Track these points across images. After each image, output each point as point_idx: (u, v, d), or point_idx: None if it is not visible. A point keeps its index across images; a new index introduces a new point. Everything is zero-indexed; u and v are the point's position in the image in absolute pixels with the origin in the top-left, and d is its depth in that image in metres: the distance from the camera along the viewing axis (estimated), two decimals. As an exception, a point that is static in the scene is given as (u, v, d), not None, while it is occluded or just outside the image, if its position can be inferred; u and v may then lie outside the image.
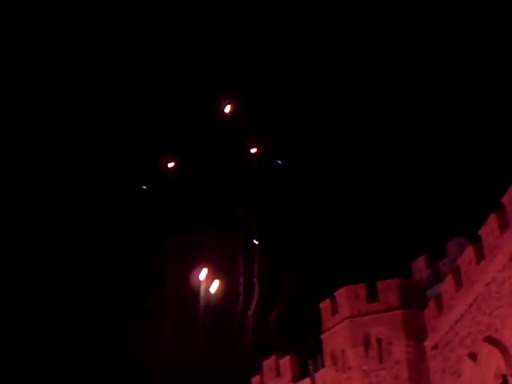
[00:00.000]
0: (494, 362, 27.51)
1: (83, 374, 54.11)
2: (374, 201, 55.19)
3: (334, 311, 36.88)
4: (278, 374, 40.84)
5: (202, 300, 48.80)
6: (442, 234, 41.45)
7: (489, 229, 27.92)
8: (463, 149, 52.21)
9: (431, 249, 40.60)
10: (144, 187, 54.29)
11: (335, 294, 37.03)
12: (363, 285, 36.27)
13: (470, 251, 29.61)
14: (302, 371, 40.16)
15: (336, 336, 36.43)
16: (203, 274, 49.17)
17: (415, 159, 56.36)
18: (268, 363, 41.76)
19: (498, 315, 27.50)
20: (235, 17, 58.53)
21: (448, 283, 31.50)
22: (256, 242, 50.19)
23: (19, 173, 58.31)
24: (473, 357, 29.11)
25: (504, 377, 27.13)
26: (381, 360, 34.99)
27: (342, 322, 36.16)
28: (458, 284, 30.50)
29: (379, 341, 35.27)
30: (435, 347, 32.99)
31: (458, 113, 53.83)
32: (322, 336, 37.57)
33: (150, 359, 47.32)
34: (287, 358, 40.61)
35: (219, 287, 49.19)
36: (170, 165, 52.71)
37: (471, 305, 29.45)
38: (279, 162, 52.36)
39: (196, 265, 49.60)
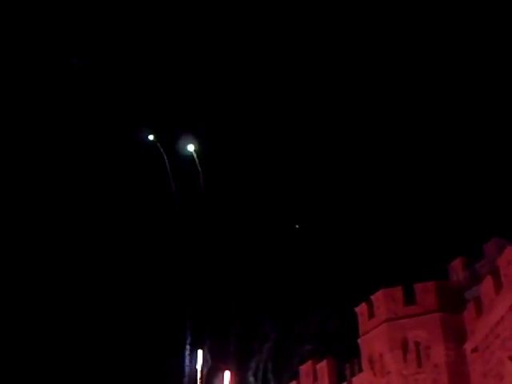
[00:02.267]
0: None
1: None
2: (410, 203, 54.86)
3: (371, 315, 36.53)
4: (316, 379, 40.58)
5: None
6: (478, 235, 40.96)
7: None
8: (500, 150, 51.53)
9: (467, 250, 40.10)
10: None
11: (372, 297, 36.71)
12: (400, 288, 35.87)
13: (509, 252, 29.14)
14: (339, 376, 39.87)
15: (373, 340, 36.05)
16: None
17: (451, 161, 55.83)
18: (305, 368, 41.52)
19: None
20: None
21: (487, 285, 30.99)
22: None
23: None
24: (514, 359, 28.66)
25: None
26: (419, 364, 34.50)
27: (379, 325, 35.80)
28: (498, 285, 30.00)
29: (417, 344, 34.81)
30: (475, 350, 32.46)
31: (498, 116, 53.08)
32: (359, 340, 37.22)
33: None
34: (324, 362, 40.35)
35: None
36: None
37: (512, 306, 28.96)
38: None
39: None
